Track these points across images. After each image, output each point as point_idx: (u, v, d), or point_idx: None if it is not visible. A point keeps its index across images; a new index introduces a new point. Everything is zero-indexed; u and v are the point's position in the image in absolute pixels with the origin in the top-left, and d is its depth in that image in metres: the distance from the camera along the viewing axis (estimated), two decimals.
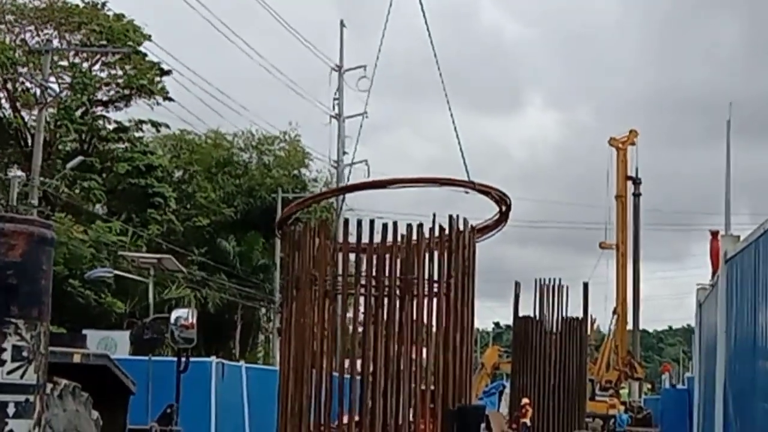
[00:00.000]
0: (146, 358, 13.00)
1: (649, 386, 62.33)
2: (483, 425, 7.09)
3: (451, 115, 17.38)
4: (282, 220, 17.39)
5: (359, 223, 15.97)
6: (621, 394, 47.46)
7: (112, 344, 23.96)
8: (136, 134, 44.07)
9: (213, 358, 23.04)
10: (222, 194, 47.33)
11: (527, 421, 33.89)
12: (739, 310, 6.05)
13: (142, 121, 44.26)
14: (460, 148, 16.91)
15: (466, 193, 16.33)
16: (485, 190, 16.37)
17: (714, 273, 9.29)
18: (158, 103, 43.50)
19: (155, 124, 44.84)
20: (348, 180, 34.42)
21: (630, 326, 53.25)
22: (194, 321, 8.76)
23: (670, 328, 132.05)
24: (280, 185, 47.36)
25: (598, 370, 48.42)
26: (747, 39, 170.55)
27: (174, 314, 8.91)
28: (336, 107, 44.65)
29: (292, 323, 15.62)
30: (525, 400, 34.59)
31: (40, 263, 4.28)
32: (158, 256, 32.97)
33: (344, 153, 44.25)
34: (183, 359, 8.78)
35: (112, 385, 7.19)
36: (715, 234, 18.45)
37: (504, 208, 16.16)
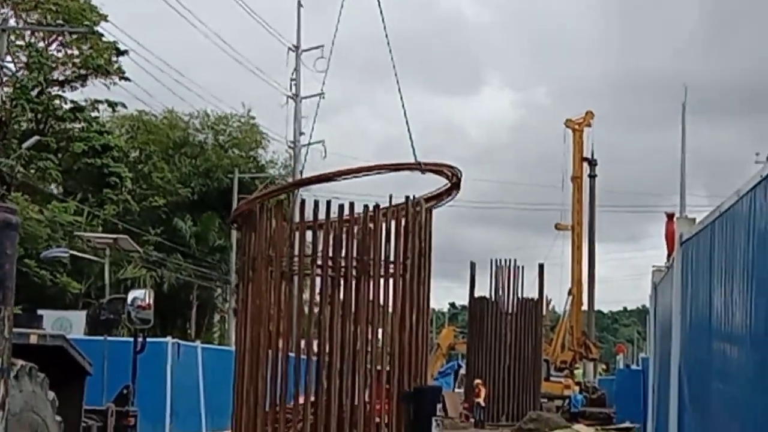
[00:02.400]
0: (102, 338, 12.90)
1: (604, 367, 62.98)
2: (439, 406, 7.10)
3: (401, 97, 17.37)
4: (237, 215, 17.34)
5: (316, 203, 15.95)
6: (576, 374, 47.91)
7: (67, 324, 23.74)
8: (93, 114, 43.58)
9: (169, 339, 22.94)
10: (178, 175, 47.03)
11: (480, 401, 34.20)
12: (695, 292, 6.10)
13: (98, 101, 43.81)
14: (408, 130, 16.90)
15: (422, 173, 16.35)
16: (435, 169, 16.41)
17: (669, 255, 9.38)
18: (115, 83, 43.08)
19: (111, 104, 44.39)
20: (305, 161, 34.39)
21: (585, 307, 53.68)
22: (151, 302, 8.71)
23: (625, 309, 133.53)
24: (236, 166, 47.14)
25: (553, 350, 48.83)
26: (703, 22, 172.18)
27: (131, 295, 8.84)
28: (293, 87, 44.51)
29: (249, 304, 15.57)
30: (477, 381, 34.88)
31: (4, 248, 4.21)
32: (114, 236, 32.72)
33: (301, 133, 44.16)
34: (140, 340, 8.71)
35: (69, 366, 7.12)
36: (670, 216, 18.67)
37: (455, 179, 16.22)
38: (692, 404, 6.23)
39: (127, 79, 42.93)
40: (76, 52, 42.39)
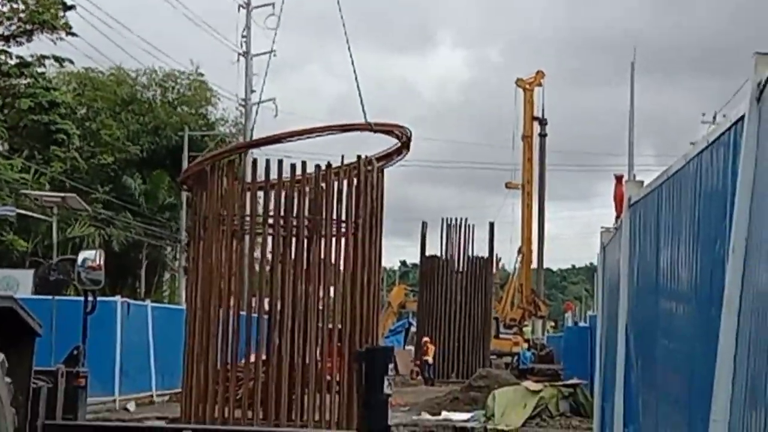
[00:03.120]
0: (50, 297, 12.84)
1: (553, 324, 63.72)
2: (391, 365, 7.16)
3: (351, 57, 17.35)
4: (186, 176, 17.22)
5: (267, 163, 15.91)
6: (525, 331, 48.41)
7: (13, 283, 23.47)
8: (39, 70, 42.82)
9: (118, 298, 22.80)
10: (127, 132, 46.45)
11: (429, 358, 34.52)
12: (642, 252, 6.19)
13: (45, 57, 43.01)
14: (359, 91, 16.89)
15: (374, 132, 16.34)
16: (385, 130, 16.43)
17: (618, 217, 9.50)
18: (61, 39, 42.29)
19: (58, 60, 43.62)
20: (256, 119, 34.16)
21: (534, 265, 54.18)
22: (101, 263, 8.62)
23: (574, 266, 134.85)
24: (186, 124, 46.69)
25: (502, 308, 49.28)
26: None
27: (81, 256, 8.74)
28: (244, 45, 44.06)
29: (200, 263, 15.54)
30: (425, 339, 35.18)
31: None
32: (62, 194, 32.29)
33: (252, 91, 43.77)
34: (90, 300, 8.64)
35: (18, 327, 7.06)
36: (619, 178, 18.86)
37: (405, 139, 16.25)
38: (638, 360, 6.35)
39: (74, 34, 42.18)
40: (21, 7, 41.52)
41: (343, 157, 15.41)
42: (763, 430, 2.86)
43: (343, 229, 15.30)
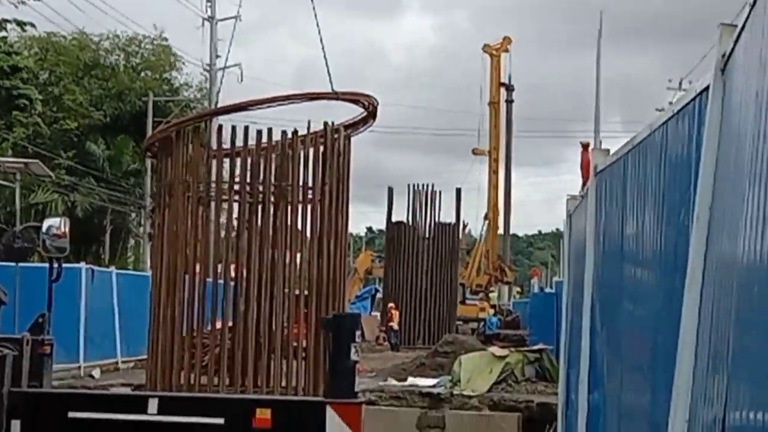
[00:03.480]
0: (14, 265, 12.67)
1: (519, 290, 64.19)
2: (358, 332, 7.18)
3: (317, 22, 17.28)
4: (151, 143, 17.09)
5: (233, 130, 15.83)
6: (491, 297, 48.74)
7: None
8: (1, 34, 42.24)
9: (82, 264, 22.65)
10: (90, 97, 45.97)
11: (394, 324, 34.69)
12: (608, 220, 6.24)
13: (6, 21, 42.41)
14: (325, 59, 16.83)
15: (340, 100, 16.29)
16: (351, 99, 16.39)
17: (584, 184, 9.55)
18: (23, 2, 41.69)
19: (20, 24, 43.01)
20: (221, 84, 33.90)
21: (501, 231, 54.45)
22: (66, 230, 8.56)
23: (540, 232, 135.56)
24: (150, 89, 46.27)
25: (469, 274, 49.50)
26: None
27: (46, 223, 8.68)
28: (208, 10, 43.69)
29: (165, 229, 15.47)
30: (390, 305, 35.33)
31: None
32: (25, 160, 31.88)
33: (217, 56, 43.44)
34: (55, 267, 8.58)
35: None
36: (586, 146, 18.94)
37: (371, 108, 16.22)
38: (603, 326, 6.41)
39: None
40: None
41: (309, 123, 15.36)
42: (725, 394, 2.90)
43: (310, 196, 15.28)
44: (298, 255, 15.41)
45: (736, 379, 2.80)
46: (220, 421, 7.14)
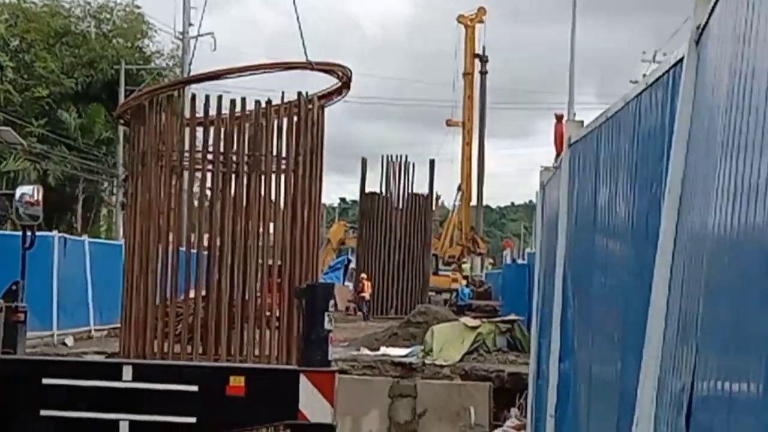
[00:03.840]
0: None
1: (491, 261, 64.43)
2: (332, 302, 7.21)
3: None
4: (123, 110, 16.98)
5: (207, 99, 15.75)
6: (463, 268, 48.88)
7: None
8: None
9: (55, 233, 22.53)
10: (61, 65, 45.52)
11: (366, 294, 34.81)
12: (581, 192, 6.27)
13: None
14: (299, 28, 16.76)
15: (314, 71, 16.23)
16: (325, 69, 16.34)
17: (558, 156, 9.59)
18: None
19: None
20: (194, 53, 33.63)
21: (474, 202, 54.55)
22: (40, 198, 8.53)
23: (513, 203, 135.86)
24: (122, 57, 45.87)
25: (442, 245, 49.62)
26: None
27: (19, 191, 8.64)
28: None
29: (138, 198, 15.41)
30: (362, 276, 35.43)
31: None
32: None
33: (190, 25, 43.08)
34: (28, 235, 8.55)
35: None
36: (559, 118, 19.01)
37: (346, 79, 16.19)
38: (575, 297, 6.47)
39: None
40: None
41: (283, 93, 15.32)
42: (693, 364, 2.94)
43: (283, 166, 15.25)
44: (272, 225, 15.41)
45: (704, 349, 2.84)
46: (194, 388, 7.17)
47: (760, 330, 2.21)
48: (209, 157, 15.50)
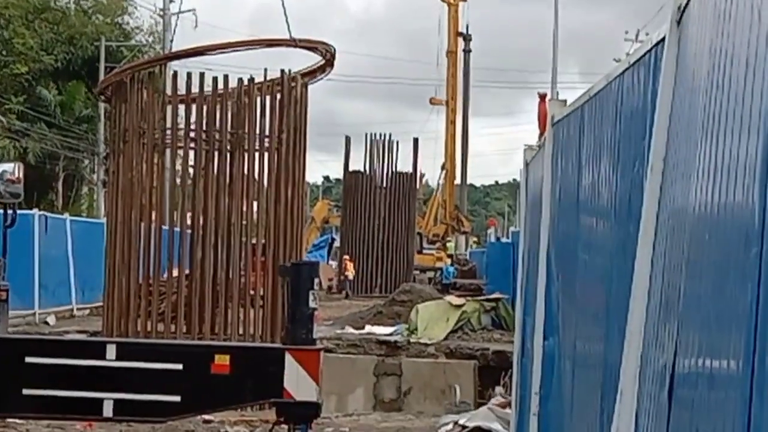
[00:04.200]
0: None
1: (475, 239, 64.46)
2: (317, 280, 7.23)
3: None
4: (105, 87, 16.89)
5: (188, 76, 15.67)
6: (448, 247, 48.91)
7: None
8: None
9: (35, 211, 22.45)
10: (41, 41, 45.17)
11: (349, 274, 34.95)
12: (564, 170, 6.29)
13: None
14: (284, 7, 16.69)
15: (298, 48, 16.18)
16: (309, 46, 16.29)
17: (541, 135, 9.60)
18: None
19: None
20: (175, 30, 33.45)
21: (458, 181, 54.54)
22: (21, 175, 8.50)
23: (497, 182, 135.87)
24: (102, 33, 45.55)
25: (426, 224, 49.65)
26: None
27: None
28: None
29: (120, 176, 15.36)
30: (345, 257, 35.57)
31: None
32: None
33: (171, 1, 42.84)
34: (9, 213, 8.52)
35: None
36: (543, 97, 19.00)
37: (329, 56, 16.16)
38: (559, 275, 6.50)
39: None
40: None
41: (266, 70, 15.26)
42: (675, 341, 2.97)
43: (267, 144, 15.22)
44: (255, 203, 15.39)
45: (686, 326, 2.87)
46: (179, 367, 7.17)
47: (738, 306, 2.23)
48: (191, 134, 15.45)
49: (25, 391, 7.44)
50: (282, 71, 15.33)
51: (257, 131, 15.15)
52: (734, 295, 2.30)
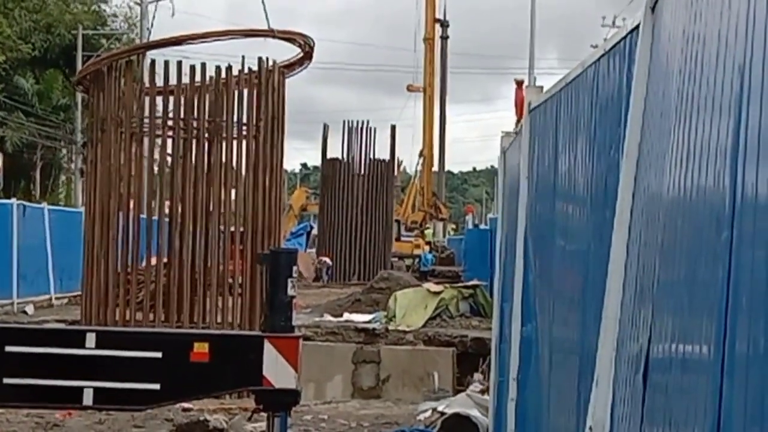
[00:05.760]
0: None
1: (453, 227, 64.66)
2: (295, 268, 7.24)
3: None
4: (82, 76, 16.80)
5: (166, 65, 15.62)
6: (426, 234, 49.02)
7: None
8: None
9: (13, 200, 22.36)
10: (18, 30, 44.87)
11: (326, 259, 35.09)
12: (541, 157, 6.33)
13: None
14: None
15: (276, 39, 16.16)
16: (287, 38, 16.28)
17: (518, 121, 9.64)
18: None
19: None
20: (153, 18, 33.32)
21: (436, 168, 54.61)
22: (0, 165, 8.45)
23: (475, 169, 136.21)
24: (80, 22, 45.28)
25: (404, 211, 49.72)
26: None
27: None
28: None
29: (98, 165, 15.31)
30: (323, 258, 35.80)
31: None
32: None
33: None
34: None
35: None
36: (520, 83, 19.10)
37: (308, 48, 16.14)
38: (536, 261, 6.54)
39: None
40: None
41: (243, 57, 15.23)
42: (649, 327, 3.01)
43: (245, 132, 15.20)
44: (233, 191, 15.38)
45: (660, 311, 2.91)
46: (158, 355, 7.17)
47: (710, 290, 2.27)
48: (169, 123, 15.40)
49: (5, 380, 7.43)
50: (259, 59, 15.30)
51: (235, 119, 15.13)
52: (706, 280, 2.33)
